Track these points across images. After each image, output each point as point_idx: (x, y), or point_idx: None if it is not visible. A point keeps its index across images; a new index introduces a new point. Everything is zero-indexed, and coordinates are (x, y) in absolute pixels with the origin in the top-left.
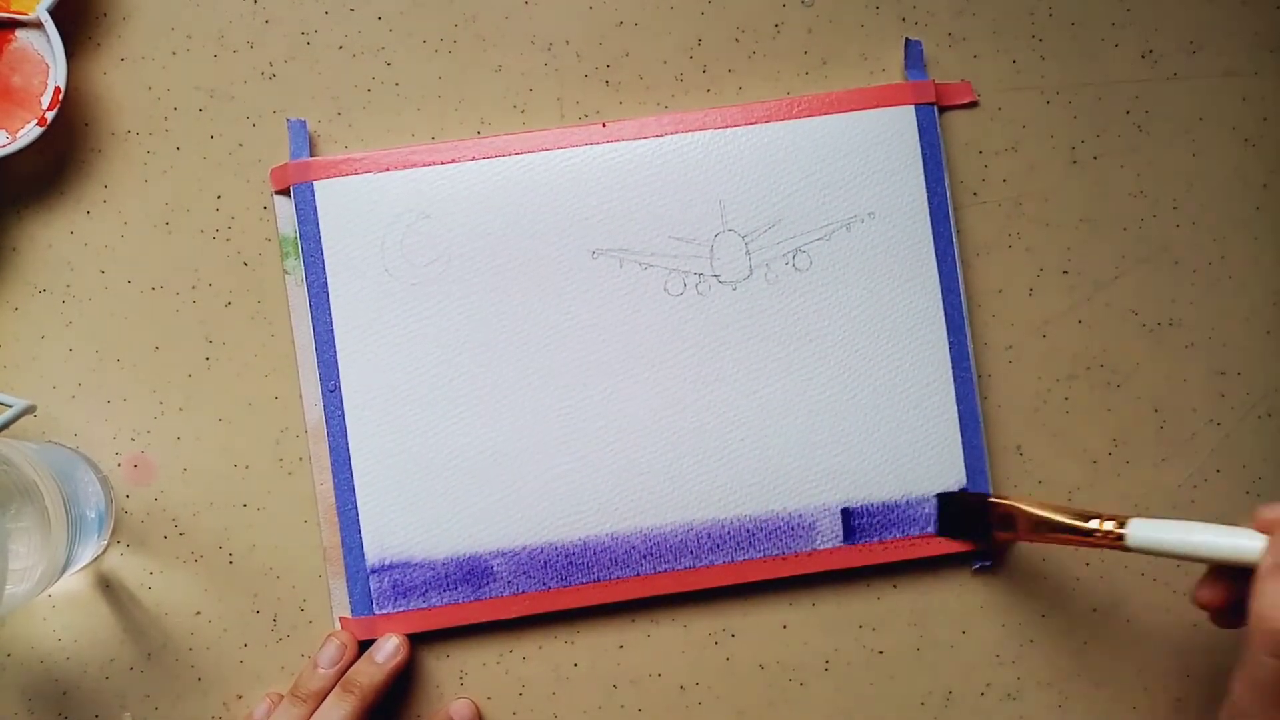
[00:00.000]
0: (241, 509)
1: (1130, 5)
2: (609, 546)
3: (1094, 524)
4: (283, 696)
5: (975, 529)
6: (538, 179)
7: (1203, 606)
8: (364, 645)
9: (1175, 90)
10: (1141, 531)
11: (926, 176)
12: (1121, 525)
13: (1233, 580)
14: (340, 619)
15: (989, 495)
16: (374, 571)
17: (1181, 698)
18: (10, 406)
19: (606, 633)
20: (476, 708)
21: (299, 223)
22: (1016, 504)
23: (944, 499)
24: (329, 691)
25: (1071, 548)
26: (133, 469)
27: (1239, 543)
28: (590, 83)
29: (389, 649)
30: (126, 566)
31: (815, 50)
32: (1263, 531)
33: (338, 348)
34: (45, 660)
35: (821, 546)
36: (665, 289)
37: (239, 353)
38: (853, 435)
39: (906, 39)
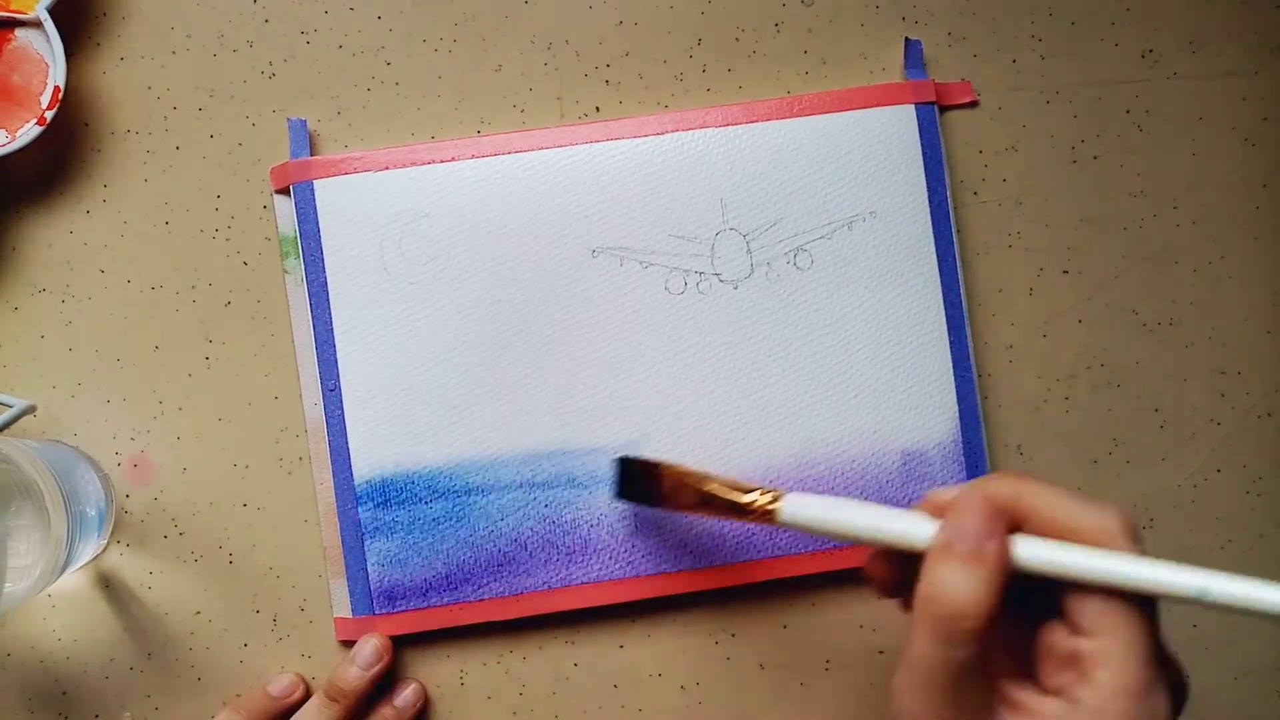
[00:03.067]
0: (241, 509)
1: (1130, 5)
2: (609, 546)
3: (750, 497)
4: (233, 705)
5: (648, 495)
6: (537, 178)
7: (870, 580)
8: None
9: (1175, 90)
10: (795, 507)
11: (927, 176)
12: (776, 500)
13: (905, 560)
14: (337, 619)
15: (661, 462)
16: (373, 573)
17: None
18: (10, 406)
19: (607, 633)
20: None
21: (299, 222)
22: (680, 472)
23: (623, 461)
24: (363, 694)
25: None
26: (133, 468)
27: (905, 527)
28: (590, 82)
29: (368, 654)
30: (126, 566)
31: (815, 50)
32: (935, 515)
33: (338, 347)
34: (45, 660)
35: (822, 547)
36: (666, 288)
37: (239, 352)
38: (853, 434)
39: (906, 38)
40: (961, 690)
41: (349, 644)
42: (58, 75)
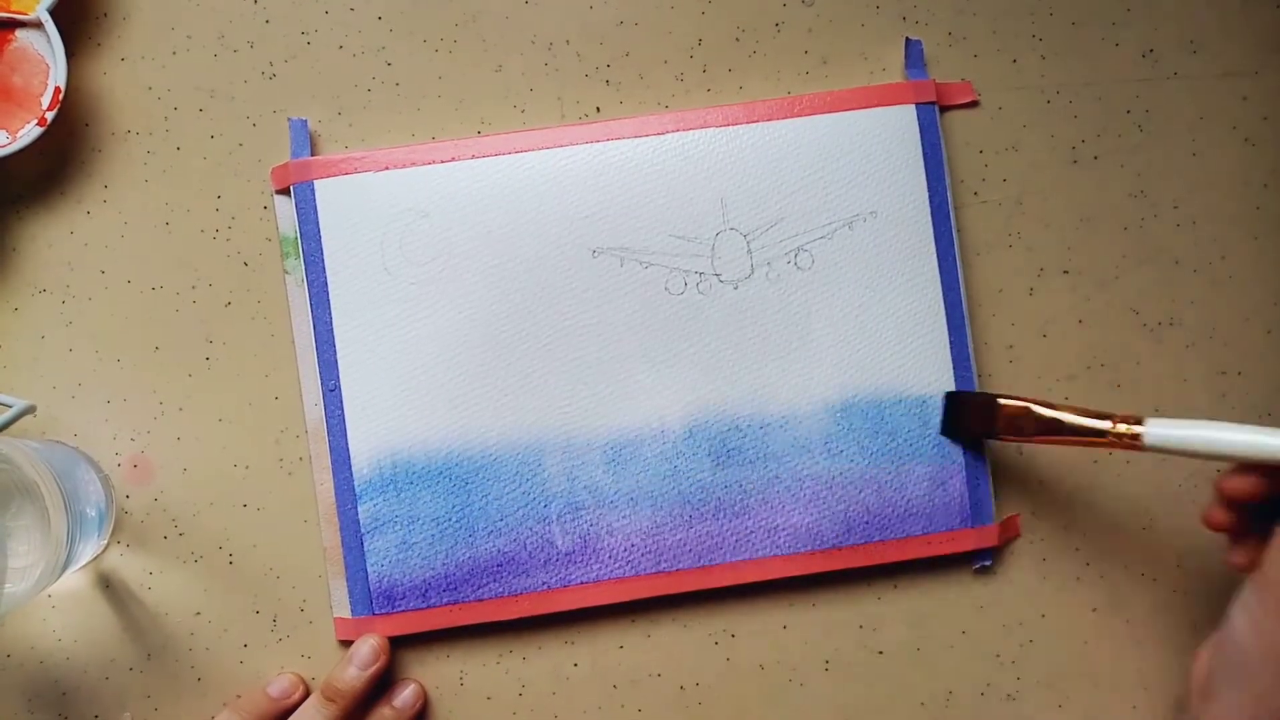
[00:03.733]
0: (241, 509)
1: (1130, 5)
2: (608, 546)
3: (1108, 424)
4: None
5: (980, 428)
6: (538, 178)
7: (1215, 529)
8: None
9: (1175, 90)
10: (1160, 430)
11: (927, 176)
12: (1138, 424)
13: (1243, 508)
14: (337, 619)
15: (997, 395)
16: (373, 573)
17: (1181, 697)
18: (10, 407)
19: (606, 633)
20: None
21: (299, 222)
22: (1026, 403)
23: (950, 397)
24: (361, 694)
25: (1086, 451)
26: (133, 469)
27: (1270, 440)
28: (590, 82)
29: (366, 654)
30: (126, 567)
31: (816, 50)
32: None
33: (338, 347)
34: (45, 660)
35: (822, 547)
36: (666, 288)
37: (239, 352)
38: (853, 434)
39: (907, 38)
40: None
41: (349, 644)
42: (58, 76)
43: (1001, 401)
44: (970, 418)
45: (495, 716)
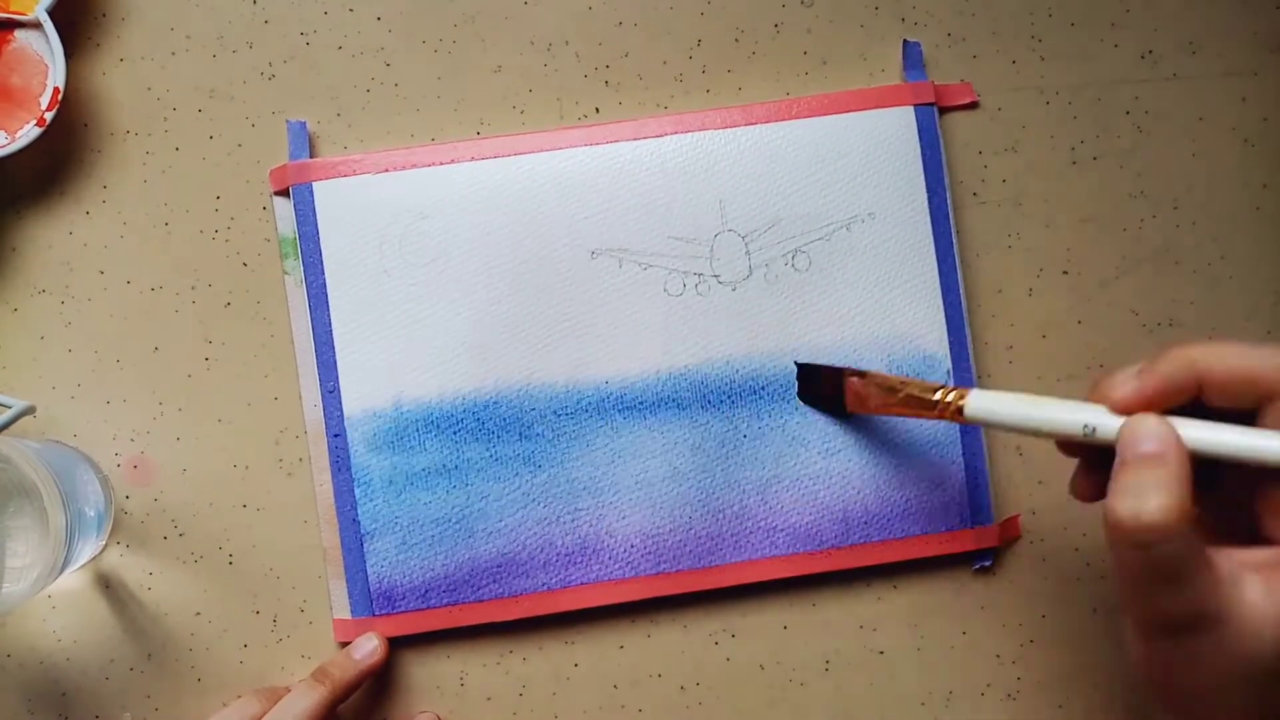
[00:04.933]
0: (241, 509)
1: (1130, 5)
2: (608, 546)
3: (938, 395)
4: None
5: (829, 399)
6: (537, 179)
7: (1086, 500)
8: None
9: (1175, 90)
10: (980, 402)
11: (926, 177)
12: (963, 397)
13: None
14: (336, 620)
15: (844, 368)
16: (372, 574)
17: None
18: (9, 407)
19: (607, 633)
20: None
21: (298, 223)
22: (867, 373)
23: (802, 368)
24: (354, 684)
25: (926, 420)
26: (132, 470)
27: (1090, 418)
28: (590, 83)
29: (367, 647)
30: (126, 567)
31: (815, 51)
32: (1120, 412)
33: (337, 348)
34: (45, 661)
35: (822, 547)
36: (665, 289)
37: (238, 353)
38: (853, 435)
39: (905, 40)
40: (1177, 572)
41: (348, 645)
42: (57, 76)
43: (847, 373)
44: (822, 386)
45: (495, 717)
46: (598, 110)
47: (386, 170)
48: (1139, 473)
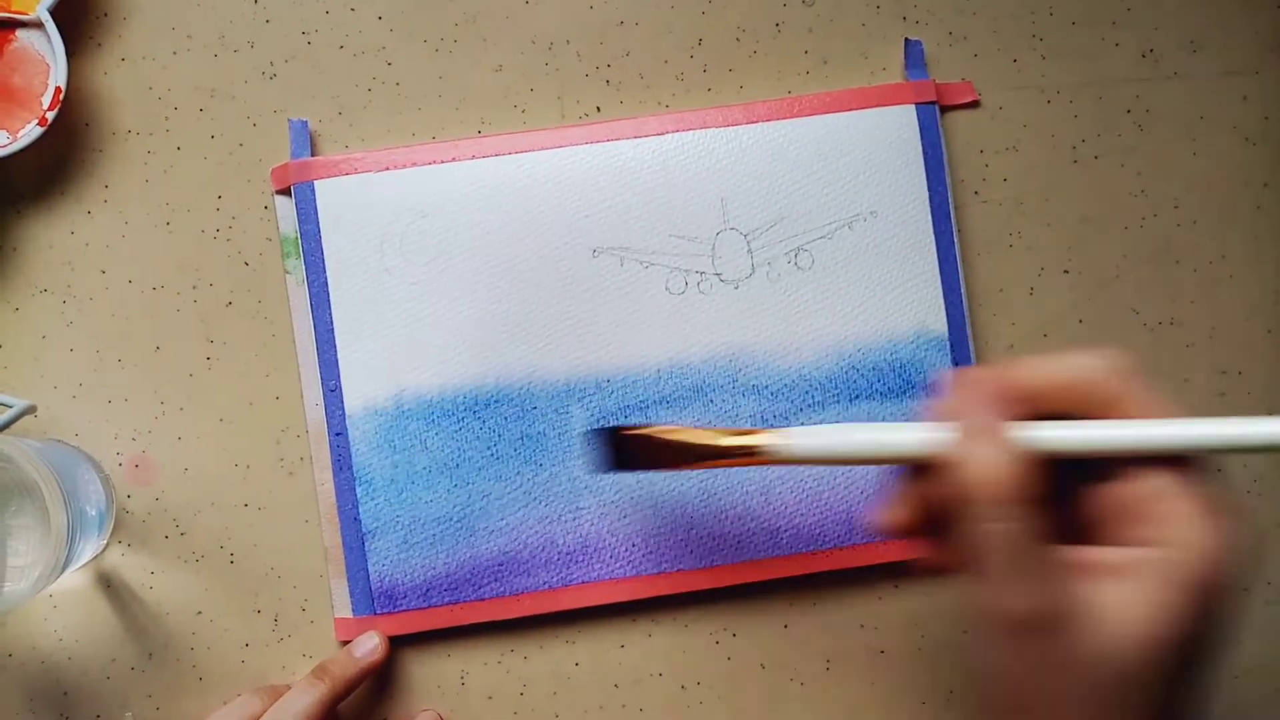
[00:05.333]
0: (242, 509)
1: (1130, 5)
2: (609, 546)
3: (730, 441)
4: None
5: (627, 460)
6: (538, 178)
7: (897, 533)
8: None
9: (1175, 90)
10: (783, 444)
11: (928, 176)
12: (764, 437)
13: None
14: (338, 619)
15: (623, 427)
16: (374, 573)
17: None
18: (11, 407)
19: (607, 632)
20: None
21: (299, 222)
22: (650, 433)
23: (601, 433)
24: (354, 682)
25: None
26: (134, 469)
27: (919, 436)
28: (590, 82)
29: (368, 645)
30: (128, 566)
31: (816, 50)
32: (949, 417)
33: (338, 347)
34: (46, 660)
35: (824, 547)
36: (666, 288)
37: (240, 352)
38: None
39: (907, 39)
40: (1023, 565)
41: (349, 644)
42: (59, 76)
43: (627, 434)
44: (622, 451)
45: (496, 716)
46: (599, 109)
47: (388, 169)
48: (977, 441)
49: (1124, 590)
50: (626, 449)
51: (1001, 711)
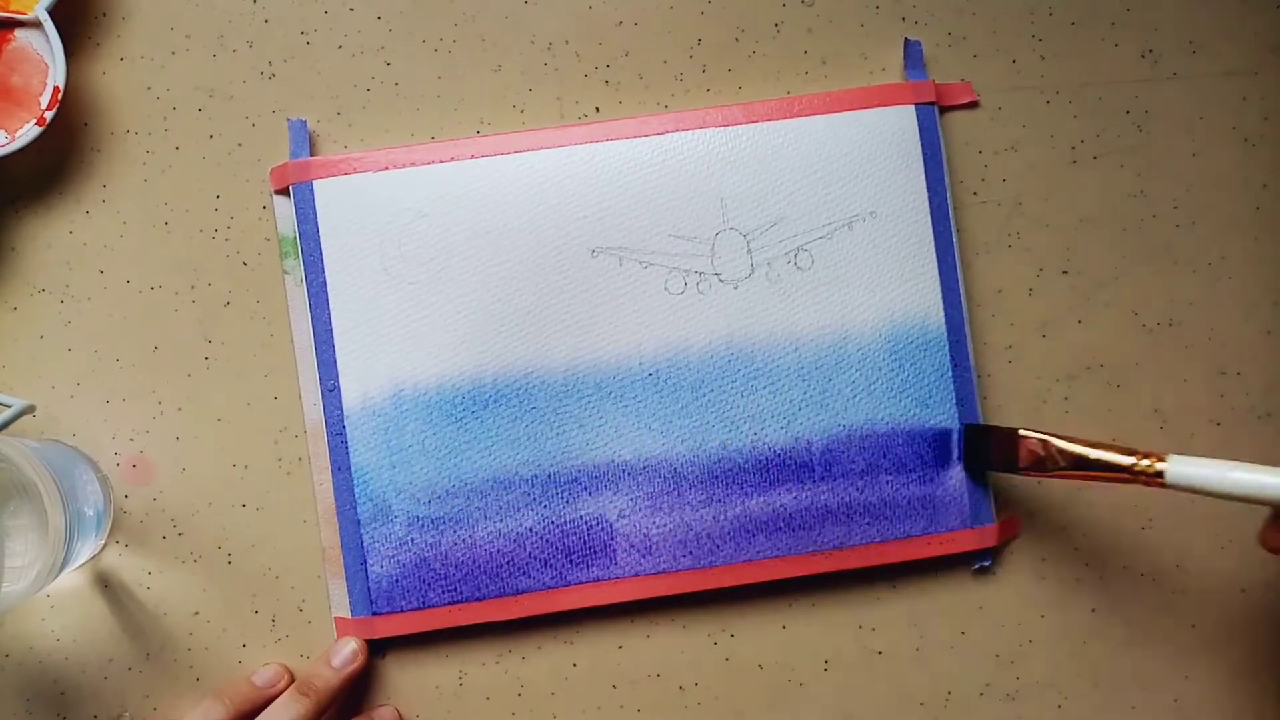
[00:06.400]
0: (240, 509)
1: (1130, 5)
2: (609, 546)
3: (1131, 460)
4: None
5: (1001, 462)
6: (537, 178)
7: (1272, 550)
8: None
9: (1175, 90)
10: (1182, 468)
11: (927, 176)
12: (1160, 460)
13: None
14: (337, 619)
15: (1018, 429)
16: (372, 573)
17: (1180, 698)
18: (9, 406)
19: (606, 633)
20: (399, 714)
21: (298, 222)
22: (1048, 437)
23: (970, 430)
24: (335, 692)
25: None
26: (132, 469)
27: None
28: (590, 82)
29: (345, 654)
30: (125, 567)
31: (815, 50)
32: None
33: (337, 347)
34: (44, 660)
35: (823, 548)
36: (666, 288)
37: (238, 353)
38: (853, 435)
39: (906, 39)
40: None
41: (325, 652)
42: (57, 75)
43: (1022, 434)
44: (991, 451)
45: (495, 716)
46: (598, 110)
47: (387, 169)
48: None
49: None
50: (1006, 448)
51: None
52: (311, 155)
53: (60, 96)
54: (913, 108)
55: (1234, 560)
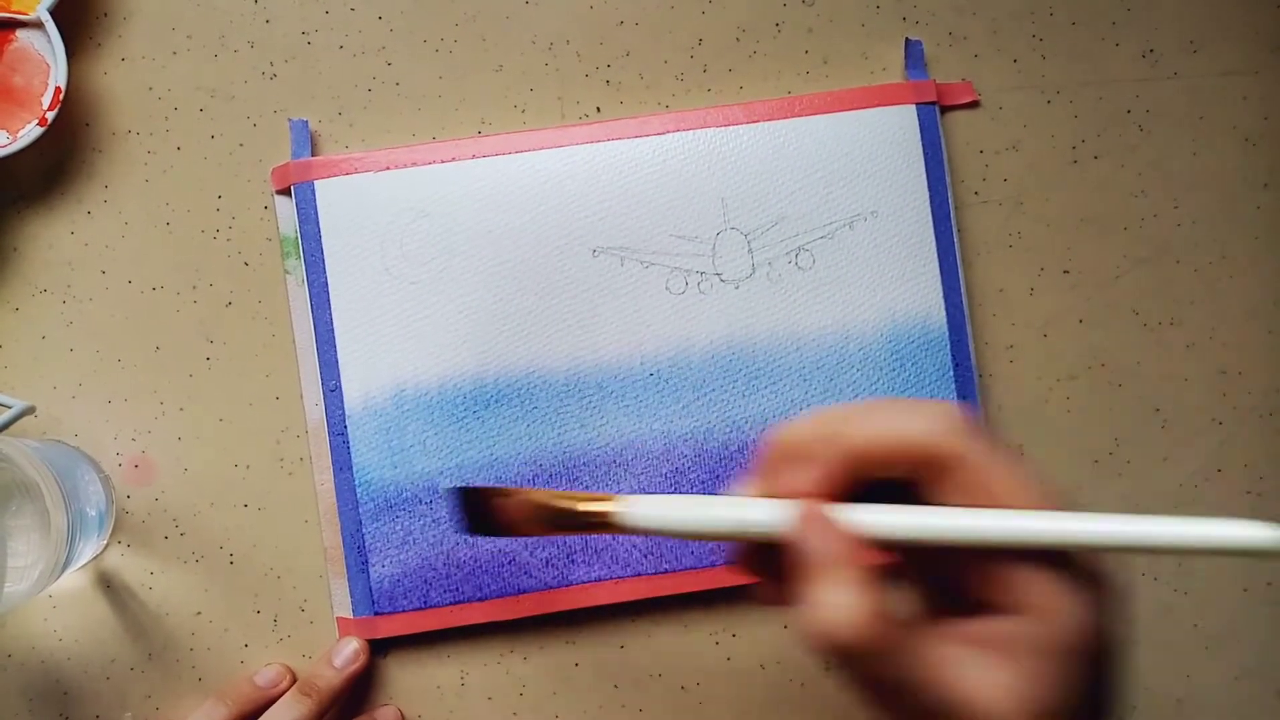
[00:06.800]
0: (242, 509)
1: (1130, 5)
2: (609, 546)
3: (582, 506)
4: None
5: (481, 523)
6: (538, 177)
7: (772, 605)
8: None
9: (1175, 90)
10: (630, 513)
11: (928, 176)
12: (609, 507)
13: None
14: (340, 619)
15: (483, 487)
16: (374, 573)
17: (1182, 698)
18: (10, 407)
19: (607, 633)
20: (401, 714)
21: (299, 222)
22: (509, 494)
23: (458, 492)
24: (339, 694)
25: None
26: (133, 469)
27: (759, 515)
28: (591, 82)
29: (347, 654)
30: (127, 567)
31: (816, 50)
32: (780, 495)
33: (338, 347)
34: (46, 660)
35: None
36: (667, 287)
37: (239, 353)
38: None
39: (907, 39)
40: (897, 683)
41: (327, 652)
42: (59, 76)
43: (492, 494)
44: (472, 512)
45: (496, 716)
46: (599, 110)
47: (388, 169)
48: (821, 583)
49: (988, 666)
50: (485, 510)
51: None
52: (313, 155)
53: (62, 97)
54: (914, 107)
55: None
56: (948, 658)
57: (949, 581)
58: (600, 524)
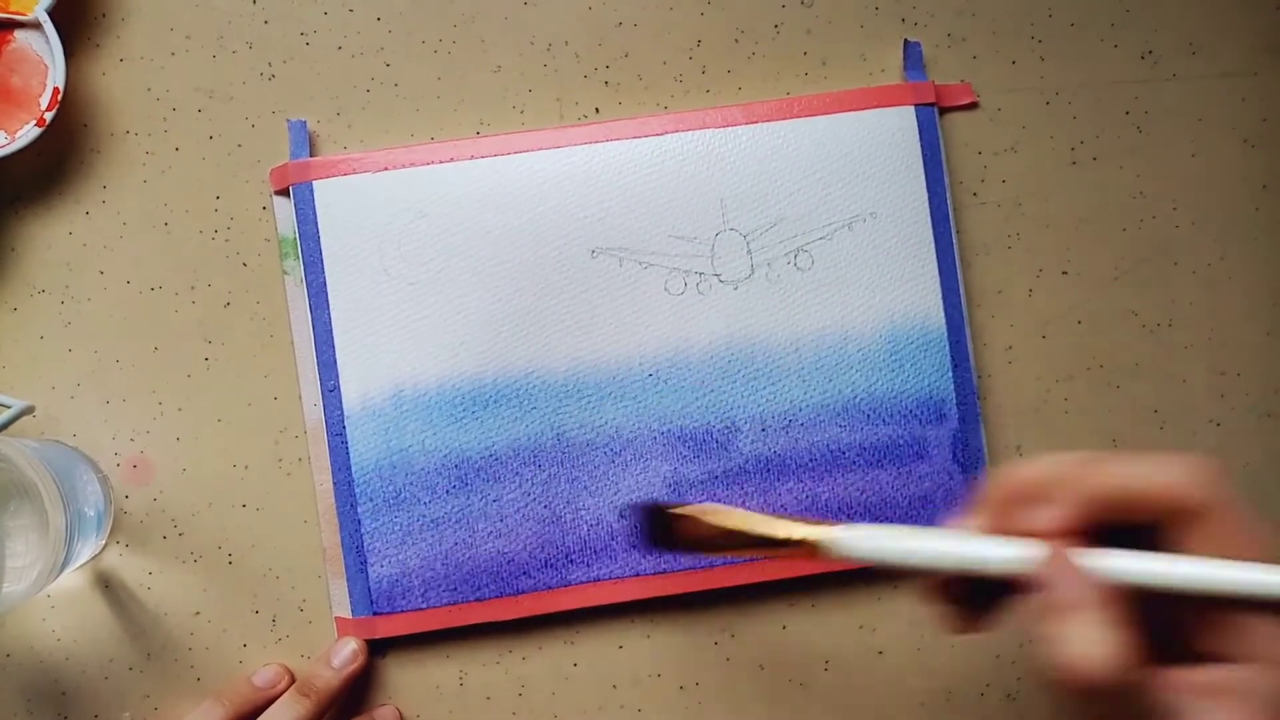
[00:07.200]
0: (241, 509)
1: (1130, 5)
2: (609, 546)
3: (785, 533)
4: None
5: (666, 539)
6: (537, 178)
7: (963, 632)
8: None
9: (1175, 90)
10: (846, 540)
11: (927, 177)
12: (824, 531)
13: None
14: (338, 619)
15: (670, 505)
16: (373, 573)
17: None
18: (9, 407)
19: (606, 633)
20: (400, 714)
21: (298, 223)
22: (699, 514)
23: (641, 510)
24: (336, 693)
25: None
26: (132, 469)
27: (999, 554)
28: (590, 83)
29: (346, 654)
30: (126, 567)
31: (815, 51)
32: (1016, 533)
33: (337, 347)
34: (44, 660)
35: None
36: (666, 288)
37: (238, 353)
38: (853, 436)
39: (906, 40)
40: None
41: (325, 652)
42: (57, 76)
43: (676, 511)
44: (657, 529)
45: (495, 716)
46: (597, 110)
47: (386, 169)
48: (1073, 623)
49: (1227, 712)
50: (671, 527)
51: None
52: (311, 156)
53: (60, 97)
54: (912, 108)
55: None
56: (1184, 703)
57: (1169, 627)
58: (801, 551)
